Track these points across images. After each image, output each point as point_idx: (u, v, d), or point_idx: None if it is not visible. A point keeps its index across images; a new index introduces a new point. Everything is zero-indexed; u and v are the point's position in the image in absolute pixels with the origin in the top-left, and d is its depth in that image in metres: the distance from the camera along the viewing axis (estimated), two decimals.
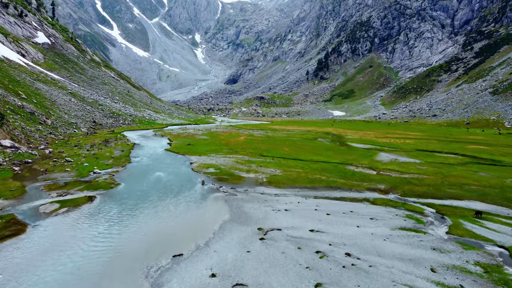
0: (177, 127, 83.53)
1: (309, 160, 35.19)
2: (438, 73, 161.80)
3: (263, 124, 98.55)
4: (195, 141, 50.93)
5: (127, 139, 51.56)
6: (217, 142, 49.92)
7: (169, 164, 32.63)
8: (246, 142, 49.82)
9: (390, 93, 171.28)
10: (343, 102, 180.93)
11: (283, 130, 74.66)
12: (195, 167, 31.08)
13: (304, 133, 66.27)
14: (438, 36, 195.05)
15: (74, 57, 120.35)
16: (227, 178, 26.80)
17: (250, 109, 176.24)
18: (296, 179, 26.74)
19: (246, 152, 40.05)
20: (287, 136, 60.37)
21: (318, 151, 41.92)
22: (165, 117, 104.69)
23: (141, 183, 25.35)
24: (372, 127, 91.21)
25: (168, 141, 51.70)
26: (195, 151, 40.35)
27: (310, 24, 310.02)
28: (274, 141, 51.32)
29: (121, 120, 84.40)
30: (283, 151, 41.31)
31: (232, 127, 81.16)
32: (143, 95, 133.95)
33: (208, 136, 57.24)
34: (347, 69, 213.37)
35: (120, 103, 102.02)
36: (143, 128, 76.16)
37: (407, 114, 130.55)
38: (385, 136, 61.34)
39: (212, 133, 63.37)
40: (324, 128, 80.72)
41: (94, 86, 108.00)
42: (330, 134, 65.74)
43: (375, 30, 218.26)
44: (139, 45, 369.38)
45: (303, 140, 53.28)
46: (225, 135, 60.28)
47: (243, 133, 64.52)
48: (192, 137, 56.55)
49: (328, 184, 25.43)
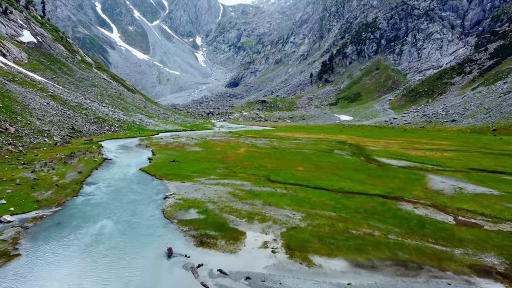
0: (170, 134, 72.79)
1: (338, 190, 24.10)
2: (450, 75, 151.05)
3: (266, 131, 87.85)
4: (184, 155, 40.13)
5: (101, 152, 40.85)
6: (211, 156, 39.04)
7: (131, 201, 21.49)
8: (247, 156, 39.06)
9: (399, 96, 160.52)
10: (349, 106, 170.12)
11: (290, 138, 63.85)
12: (169, 206, 19.96)
13: (316, 142, 55.38)
14: (448, 37, 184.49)
15: (62, 58, 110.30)
16: (215, 238, 15.57)
17: (252, 113, 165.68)
18: (332, 239, 15.59)
19: (248, 174, 28.99)
20: (296, 146, 49.54)
21: (344, 172, 30.78)
22: (158, 122, 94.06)
23: (55, 254, 14.12)
24: (389, 134, 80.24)
25: (151, 154, 40.93)
26: (179, 172, 29.27)
27: (313, 26, 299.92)
28: (282, 155, 40.50)
29: (107, 126, 73.90)
30: (297, 172, 30.20)
31: (232, 134, 70.30)
32: (137, 99, 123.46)
33: (201, 148, 46.50)
34: (352, 72, 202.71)
35: (109, 107, 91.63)
36: (130, 135, 65.48)
37: (421, 118, 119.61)
38: (413, 147, 50.49)
39: (207, 142, 52.53)
40: (335, 136, 69.87)
41: (82, 89, 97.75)
42: (346, 143, 54.93)
43: (381, 31, 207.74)
44: (139, 47, 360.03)
45: (317, 154, 42.43)
46: (222, 145, 49.52)
47: (244, 142, 53.70)
48: (182, 148, 45.83)
49: (393, 254, 14.11)
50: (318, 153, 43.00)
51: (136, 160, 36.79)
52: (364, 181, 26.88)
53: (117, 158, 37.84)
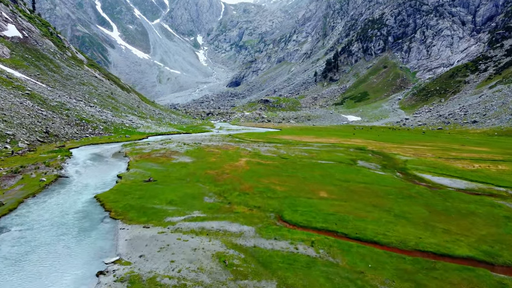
0: (161, 137, 63.28)
1: (400, 247, 14.20)
2: (464, 73, 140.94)
3: (270, 133, 78.29)
4: (166, 169, 30.32)
5: (62, 165, 31.45)
6: (201, 171, 29.04)
7: None
8: (249, 172, 29.43)
9: (409, 95, 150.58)
10: (356, 106, 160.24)
11: (298, 143, 54.14)
12: None
13: (330, 149, 45.67)
14: (458, 34, 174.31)
15: (50, 53, 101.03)
16: None
17: (254, 114, 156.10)
18: None
19: (250, 209, 18.94)
20: (309, 155, 39.78)
21: (388, 201, 20.87)
22: (150, 124, 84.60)
23: None
24: (408, 137, 70.32)
25: (125, 168, 31.30)
26: (147, 204, 19.30)
27: (316, 24, 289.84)
28: (294, 169, 30.64)
29: (90, 128, 64.51)
30: (321, 201, 20.40)
31: (231, 138, 60.68)
32: (131, 98, 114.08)
33: (191, 158, 36.84)
34: (358, 70, 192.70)
35: (96, 107, 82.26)
36: (114, 140, 55.94)
37: (437, 119, 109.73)
38: (451, 156, 40.75)
39: (201, 150, 42.91)
40: (349, 140, 60.13)
41: (69, 87, 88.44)
42: (367, 150, 45.28)
43: (388, 28, 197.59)
44: (139, 46, 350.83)
45: (339, 167, 32.62)
46: (218, 154, 39.92)
47: (245, 149, 44.05)
48: (168, 158, 36.29)
49: None
50: (339, 165, 33.33)
51: (100, 178, 27.15)
52: (428, 223, 17.12)
53: (78, 174, 28.37)
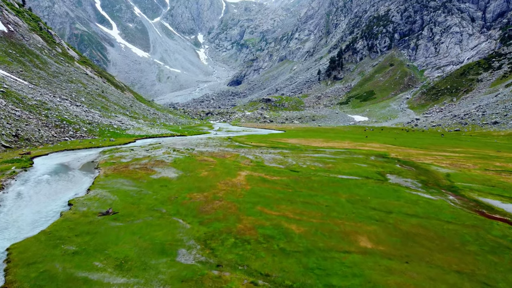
0: (150, 141, 55.39)
1: None
2: (476, 71, 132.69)
3: (274, 136, 70.44)
4: (139, 190, 21.93)
5: (6, 183, 23.81)
6: (185, 194, 20.78)
7: None
8: (249, 196, 21.03)
9: (418, 94, 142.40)
10: (362, 105, 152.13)
11: (307, 148, 46.06)
12: None
13: (348, 157, 37.33)
14: (468, 31, 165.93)
15: (37, 49, 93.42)
16: None
17: (255, 113, 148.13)
18: None
19: (250, 282, 10.29)
20: (324, 167, 31.31)
21: (471, 260, 12.36)
22: (142, 125, 76.79)
23: None
24: (428, 140, 61.62)
25: (86, 188, 23.48)
26: (80, 273, 10.72)
27: (319, 22, 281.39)
28: (310, 190, 22.19)
29: (71, 131, 56.73)
30: (364, 257, 11.95)
31: (230, 142, 52.57)
32: (124, 97, 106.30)
33: (177, 171, 28.36)
34: (364, 68, 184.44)
35: (83, 106, 74.51)
36: (94, 145, 48.03)
37: (452, 120, 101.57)
38: (500, 167, 32.70)
39: (192, 159, 34.75)
40: (365, 144, 51.91)
41: (55, 84, 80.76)
42: (391, 159, 37.17)
43: (394, 25, 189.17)
44: (139, 45, 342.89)
45: (368, 186, 24.22)
46: (212, 165, 31.79)
47: (245, 158, 35.69)
48: (148, 172, 28.35)
49: None
50: (367, 183, 25.29)
51: (42, 206, 19.02)
52: None
53: (17, 199, 20.45)
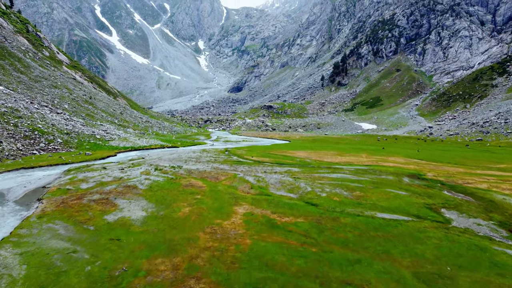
0: (134, 154, 46.89)
1: None
2: (490, 76, 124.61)
3: (278, 147, 61.97)
4: (75, 247, 12.05)
5: None
6: (139, 265, 10.96)
7: None
8: (248, 264, 10.94)
9: (428, 101, 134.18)
10: (369, 112, 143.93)
11: (320, 164, 36.79)
12: None
13: (375, 178, 27.70)
14: (477, 35, 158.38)
15: (20, 52, 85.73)
16: None
17: (257, 121, 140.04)
18: None
19: None
20: (352, 196, 21.17)
21: None
22: (130, 134, 68.53)
23: None
24: (461, 153, 52.49)
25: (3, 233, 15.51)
26: None
27: (321, 27, 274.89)
28: (344, 249, 12.34)
29: (43, 142, 48.24)
30: None
31: (227, 157, 43.82)
32: (115, 104, 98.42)
33: (147, 206, 18.06)
34: (369, 74, 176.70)
35: (64, 114, 66.30)
36: (62, 161, 39.10)
37: (469, 128, 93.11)
38: None
39: (174, 183, 25.08)
40: (386, 158, 42.89)
41: (36, 90, 72.72)
42: (430, 181, 28.42)
43: (400, 29, 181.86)
44: (139, 51, 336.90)
45: (424, 231, 14.33)
46: (199, 195, 21.97)
47: (244, 181, 26.00)
48: (103, 210, 18.59)
49: None
50: (426, 230, 15.84)
51: None
52: None
53: None
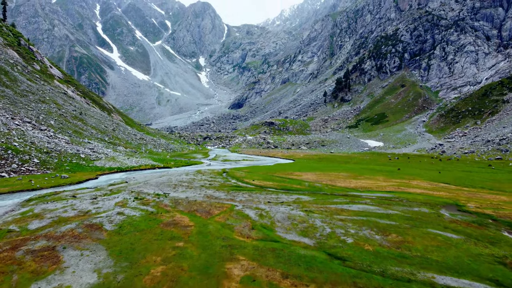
0: (118, 177, 40.72)
1: None
2: (500, 91, 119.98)
3: (282, 167, 55.98)
4: None
5: None
6: None
7: None
8: None
9: (436, 117, 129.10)
10: (374, 129, 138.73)
11: (333, 190, 30.16)
12: None
13: (407, 213, 20.35)
14: (484, 50, 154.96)
15: (8, 65, 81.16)
16: None
17: (258, 138, 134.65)
18: None
19: None
20: (388, 243, 12.05)
21: None
22: (120, 153, 62.89)
23: None
24: (489, 176, 45.78)
25: None
26: None
27: (322, 43, 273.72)
28: None
29: (16, 163, 42.25)
30: None
31: (224, 180, 37.60)
32: (107, 120, 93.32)
33: (102, 265, 10.45)
34: (373, 89, 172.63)
35: (49, 131, 60.72)
36: (31, 186, 32.21)
37: (484, 146, 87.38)
38: None
39: (154, 220, 17.13)
40: (408, 182, 36.00)
41: (20, 105, 67.49)
42: (475, 213, 22.19)
43: (404, 44, 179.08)
44: (140, 68, 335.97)
45: None
46: (182, 241, 11.96)
47: (243, 216, 16.98)
48: (41, 268, 9.35)
49: None
50: None
51: None
52: None
53: None
